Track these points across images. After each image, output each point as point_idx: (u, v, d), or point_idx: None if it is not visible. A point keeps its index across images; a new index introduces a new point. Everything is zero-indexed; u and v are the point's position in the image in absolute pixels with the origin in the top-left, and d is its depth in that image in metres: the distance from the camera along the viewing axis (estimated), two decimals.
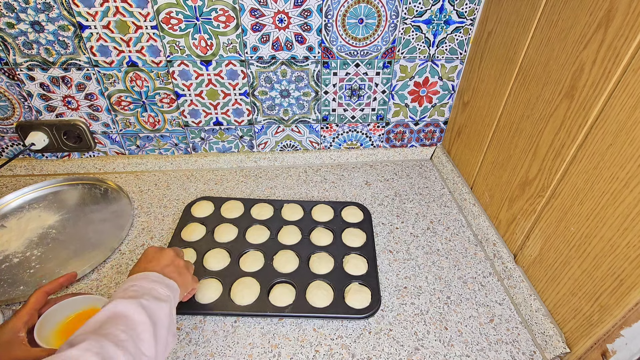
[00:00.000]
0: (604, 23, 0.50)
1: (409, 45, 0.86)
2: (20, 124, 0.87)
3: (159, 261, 0.57)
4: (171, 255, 0.59)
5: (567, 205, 0.58)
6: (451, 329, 0.64)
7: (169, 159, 0.97)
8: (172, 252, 0.60)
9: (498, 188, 0.77)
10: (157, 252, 0.59)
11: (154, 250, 0.59)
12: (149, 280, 0.52)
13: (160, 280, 0.54)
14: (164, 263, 0.57)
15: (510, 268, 0.70)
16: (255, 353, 0.60)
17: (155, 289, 0.51)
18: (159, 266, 0.56)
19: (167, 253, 0.59)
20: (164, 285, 0.53)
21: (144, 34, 0.77)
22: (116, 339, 0.42)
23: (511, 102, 0.72)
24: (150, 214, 0.85)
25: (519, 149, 0.70)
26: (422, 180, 0.99)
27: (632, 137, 0.47)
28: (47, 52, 0.78)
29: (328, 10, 0.78)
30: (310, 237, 0.79)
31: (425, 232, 0.83)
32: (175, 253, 0.61)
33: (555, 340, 0.58)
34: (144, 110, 0.89)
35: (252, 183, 0.96)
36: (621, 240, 0.48)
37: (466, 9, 0.82)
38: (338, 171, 1.01)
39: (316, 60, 0.85)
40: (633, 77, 0.47)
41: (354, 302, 0.66)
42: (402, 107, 0.96)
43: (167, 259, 0.58)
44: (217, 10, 0.76)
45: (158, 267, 0.56)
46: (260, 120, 0.94)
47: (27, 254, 0.74)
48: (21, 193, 0.86)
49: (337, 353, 0.60)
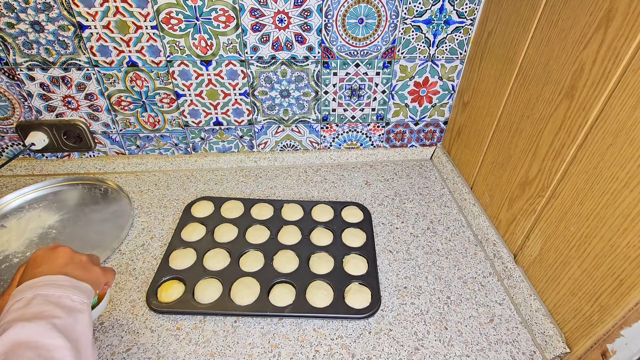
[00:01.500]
0: (604, 23, 0.50)
1: (409, 45, 0.86)
2: (20, 124, 0.87)
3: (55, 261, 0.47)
4: (68, 251, 0.49)
5: (567, 205, 0.58)
6: (451, 329, 0.64)
7: (169, 159, 0.97)
8: (67, 249, 0.50)
9: (498, 188, 0.77)
10: (48, 251, 0.48)
11: (44, 250, 0.48)
12: (55, 286, 0.42)
13: (71, 284, 0.44)
14: (62, 262, 0.47)
15: (510, 268, 0.70)
16: (255, 353, 0.60)
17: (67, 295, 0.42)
18: (56, 267, 0.46)
19: (62, 250, 0.49)
20: (75, 290, 0.44)
21: (144, 34, 0.77)
22: None
23: (511, 102, 0.72)
24: (150, 214, 0.85)
25: (519, 149, 0.70)
26: (422, 180, 0.99)
27: (632, 137, 0.47)
28: (47, 52, 0.78)
29: (328, 10, 0.78)
30: (310, 237, 0.79)
31: (425, 232, 0.83)
32: (71, 248, 0.51)
33: (555, 340, 0.58)
34: (144, 110, 0.89)
35: (252, 183, 0.96)
36: (621, 240, 0.48)
37: (466, 9, 0.82)
38: (338, 171, 1.01)
39: (316, 60, 0.85)
40: (633, 77, 0.47)
41: (354, 302, 0.66)
42: (402, 107, 0.96)
43: (64, 257, 0.48)
44: (217, 10, 0.76)
45: (55, 269, 0.45)
46: (260, 120, 0.94)
47: (27, 254, 0.74)
48: (21, 193, 0.86)
49: (337, 353, 0.60)
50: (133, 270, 0.72)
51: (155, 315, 0.64)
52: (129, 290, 0.68)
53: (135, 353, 0.59)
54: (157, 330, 0.62)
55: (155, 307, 0.64)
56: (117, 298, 0.67)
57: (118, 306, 0.66)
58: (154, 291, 0.66)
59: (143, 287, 0.69)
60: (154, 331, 0.62)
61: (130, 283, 0.70)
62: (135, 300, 0.67)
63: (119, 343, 0.60)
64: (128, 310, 0.65)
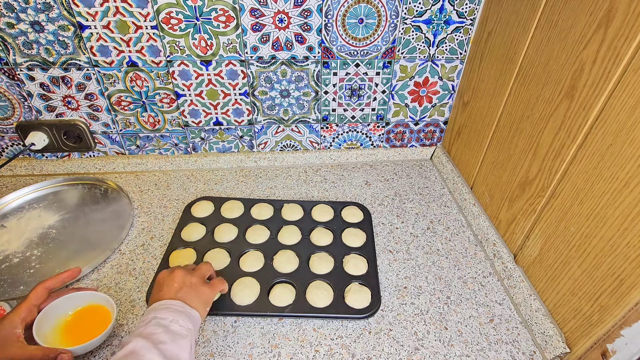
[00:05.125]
0: (604, 23, 0.50)
1: (409, 45, 0.86)
2: (20, 124, 0.87)
3: (170, 287, 0.55)
4: (181, 275, 0.57)
5: (567, 205, 0.58)
6: (451, 329, 0.64)
7: (169, 159, 0.97)
8: (181, 272, 0.58)
9: (498, 188, 0.77)
10: (167, 277, 0.57)
11: (164, 276, 0.58)
12: (171, 311, 0.51)
13: (183, 309, 0.52)
14: (176, 287, 0.55)
15: (510, 268, 0.70)
16: (255, 353, 0.60)
17: (177, 321, 0.50)
18: (172, 292, 0.54)
19: (176, 275, 0.57)
20: (185, 316, 0.52)
21: (144, 34, 0.77)
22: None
23: (511, 102, 0.72)
24: (150, 214, 0.85)
25: (519, 149, 0.70)
26: (422, 180, 0.99)
27: (632, 137, 0.47)
28: (47, 52, 0.78)
29: (328, 10, 0.78)
30: (310, 237, 0.79)
31: (425, 232, 0.83)
32: (185, 271, 0.59)
33: (555, 340, 0.58)
34: (144, 110, 0.89)
35: (252, 183, 0.96)
36: (621, 240, 0.48)
37: (466, 9, 0.82)
38: (338, 171, 1.01)
39: (316, 60, 0.85)
40: (633, 77, 0.47)
41: (354, 302, 0.66)
42: (402, 107, 0.96)
43: (178, 281, 0.56)
44: (217, 10, 0.76)
45: (171, 294, 0.54)
46: (260, 120, 0.94)
47: (27, 254, 0.74)
48: (21, 193, 0.86)
49: (337, 353, 0.60)
50: (133, 270, 0.72)
51: None
52: (129, 290, 0.68)
53: None
54: None
55: None
56: (117, 298, 0.67)
57: (118, 306, 0.66)
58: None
59: (143, 287, 0.69)
60: None
61: (130, 283, 0.70)
62: (135, 300, 0.67)
63: (119, 343, 0.60)
64: (128, 310, 0.65)
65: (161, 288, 0.56)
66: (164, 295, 0.54)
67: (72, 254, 0.74)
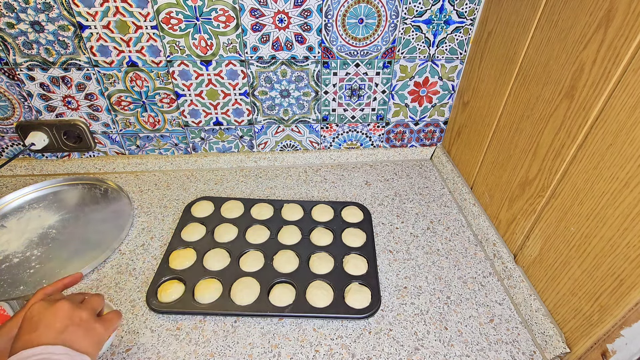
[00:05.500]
0: (604, 23, 0.50)
1: (409, 45, 0.86)
2: (20, 124, 0.87)
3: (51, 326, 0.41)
4: (66, 309, 0.43)
5: (567, 205, 0.58)
6: (451, 329, 0.64)
7: (169, 159, 0.97)
8: (66, 305, 0.44)
9: (498, 188, 0.77)
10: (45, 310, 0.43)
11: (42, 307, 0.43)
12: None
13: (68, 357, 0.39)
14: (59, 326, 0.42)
15: (510, 268, 0.70)
16: (255, 353, 0.60)
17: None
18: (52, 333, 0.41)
19: (60, 308, 0.43)
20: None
21: (144, 34, 0.77)
22: None
23: (511, 102, 0.72)
24: (150, 214, 0.85)
25: (519, 149, 0.70)
26: (422, 180, 0.99)
27: (632, 137, 0.47)
28: (47, 52, 0.78)
29: (328, 10, 0.78)
30: (310, 237, 0.79)
31: (425, 232, 0.83)
32: (71, 304, 0.45)
33: (555, 340, 0.58)
34: (144, 110, 0.89)
35: (252, 183, 0.96)
36: (621, 240, 0.48)
37: (466, 9, 0.82)
38: (338, 171, 1.01)
39: (316, 60, 0.85)
40: (633, 77, 0.47)
41: (354, 302, 0.66)
42: (402, 107, 0.96)
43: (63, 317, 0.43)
44: (217, 10, 0.76)
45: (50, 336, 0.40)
46: (260, 120, 0.94)
47: (27, 254, 0.74)
48: (21, 193, 0.86)
49: (337, 353, 0.60)
50: (133, 270, 0.72)
51: (155, 315, 0.64)
52: (129, 290, 0.68)
53: (135, 353, 0.59)
54: (157, 330, 0.62)
55: (155, 307, 0.64)
56: (117, 298, 0.67)
57: (118, 306, 0.66)
58: (154, 291, 0.66)
59: (143, 287, 0.69)
60: (154, 331, 0.62)
61: (130, 283, 0.70)
62: (135, 300, 0.67)
63: (119, 343, 0.60)
64: (128, 310, 0.65)
65: (36, 327, 0.41)
66: (41, 337, 0.40)
67: (72, 254, 0.74)
